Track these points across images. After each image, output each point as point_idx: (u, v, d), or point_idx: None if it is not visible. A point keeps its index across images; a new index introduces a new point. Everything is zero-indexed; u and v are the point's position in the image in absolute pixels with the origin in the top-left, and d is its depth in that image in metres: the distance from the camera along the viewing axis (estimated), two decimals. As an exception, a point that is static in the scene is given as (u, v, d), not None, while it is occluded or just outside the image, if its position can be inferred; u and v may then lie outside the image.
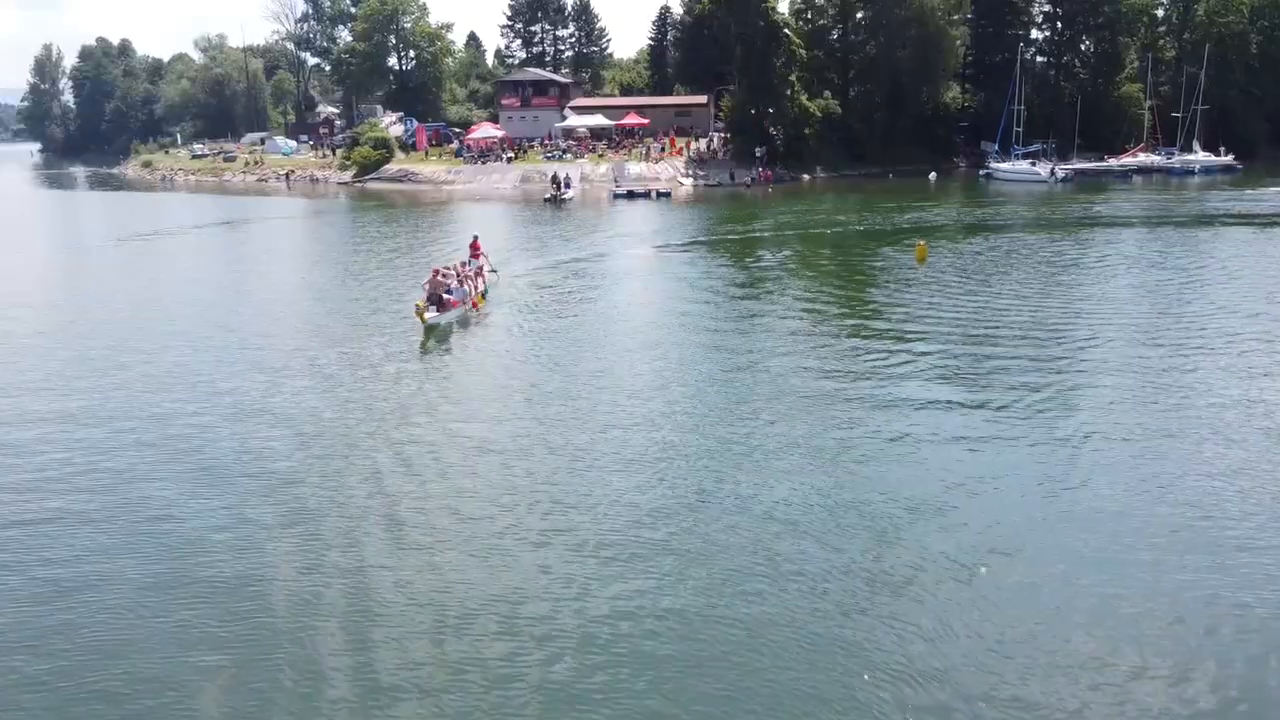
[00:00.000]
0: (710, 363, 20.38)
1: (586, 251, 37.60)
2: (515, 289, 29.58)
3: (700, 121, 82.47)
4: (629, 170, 68.98)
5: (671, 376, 19.25)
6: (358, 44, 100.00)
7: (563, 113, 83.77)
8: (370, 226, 50.58)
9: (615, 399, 17.65)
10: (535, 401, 17.63)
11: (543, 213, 53.28)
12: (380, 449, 15.30)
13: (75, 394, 18.50)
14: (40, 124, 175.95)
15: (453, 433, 16.05)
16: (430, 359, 21.43)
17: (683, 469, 14.15)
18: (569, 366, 20.00)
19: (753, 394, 17.93)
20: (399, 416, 16.89)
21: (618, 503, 12.98)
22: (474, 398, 18.37)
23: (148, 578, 11.21)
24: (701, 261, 34.82)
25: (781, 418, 16.40)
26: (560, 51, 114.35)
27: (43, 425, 16.69)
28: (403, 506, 13.09)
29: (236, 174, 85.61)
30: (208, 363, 20.84)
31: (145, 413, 17.27)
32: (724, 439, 15.43)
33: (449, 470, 14.43)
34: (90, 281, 33.63)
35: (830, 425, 15.98)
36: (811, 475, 13.84)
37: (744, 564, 11.16)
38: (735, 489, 13.35)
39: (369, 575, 11.16)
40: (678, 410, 16.95)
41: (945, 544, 11.51)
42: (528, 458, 14.79)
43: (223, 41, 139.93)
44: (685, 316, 25.27)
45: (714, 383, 18.88)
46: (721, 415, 16.66)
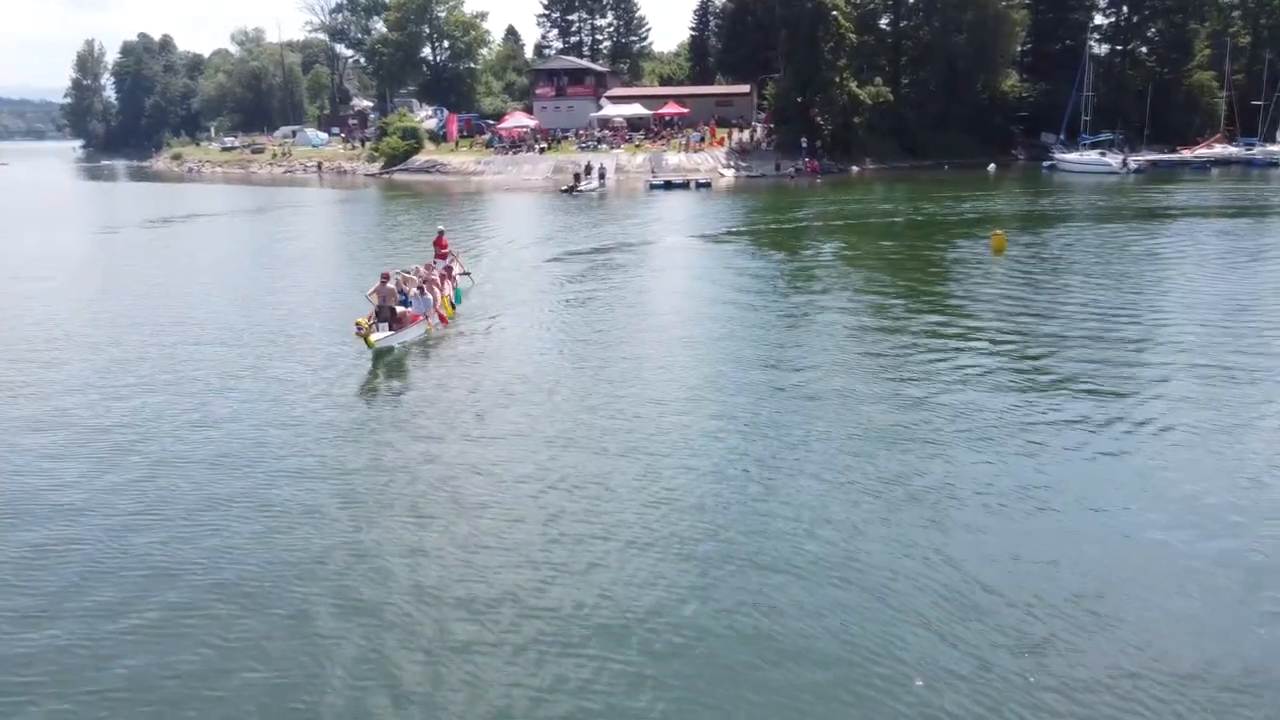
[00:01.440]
0: (759, 363, 16.75)
1: (611, 240, 34.17)
2: (520, 282, 26.12)
3: (742, 111, 78.66)
4: (667, 160, 65.51)
5: (708, 383, 15.70)
6: (391, 34, 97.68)
7: (599, 102, 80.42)
8: (380, 216, 47.69)
9: (641, 416, 14.10)
10: (530, 432, 14.09)
11: (571, 203, 50.08)
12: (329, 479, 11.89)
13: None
14: (82, 120, 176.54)
15: (415, 467, 12.59)
16: (388, 385, 16.37)
17: (738, 489, 11.18)
18: (568, 387, 16.04)
19: (812, 397, 14.32)
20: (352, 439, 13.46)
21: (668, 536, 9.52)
22: (443, 432, 14.73)
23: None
24: (745, 251, 31.22)
25: (853, 430, 12.86)
26: (598, 42, 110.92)
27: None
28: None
29: (263, 166, 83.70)
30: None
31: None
32: (783, 460, 11.88)
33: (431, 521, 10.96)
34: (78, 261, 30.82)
35: (904, 435, 12.44)
36: (885, 498, 10.75)
37: (809, 586, 8.92)
38: (796, 507, 10.59)
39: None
40: (721, 422, 13.41)
41: (1034, 574, 9.03)
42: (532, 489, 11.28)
43: (260, 36, 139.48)
44: (724, 312, 21.65)
45: (766, 388, 15.24)
46: (777, 428, 13.08)
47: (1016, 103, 79.22)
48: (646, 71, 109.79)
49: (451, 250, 24.92)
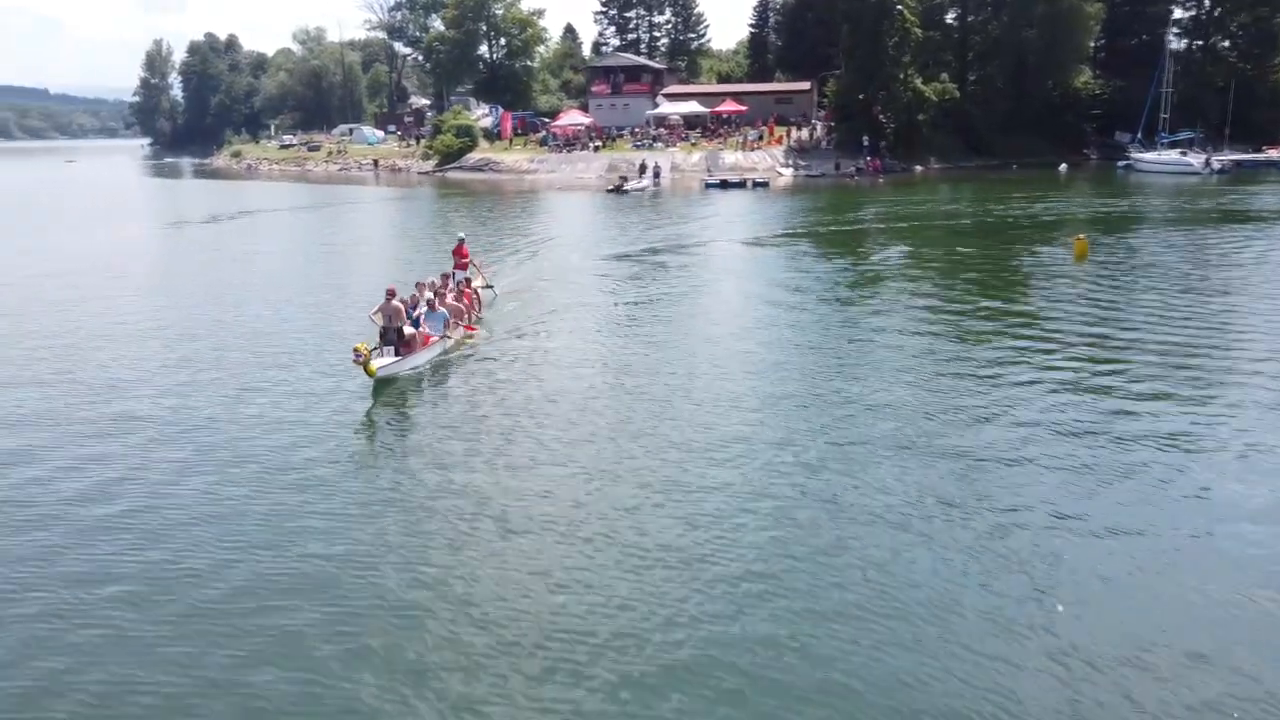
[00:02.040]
0: (821, 386, 15.29)
1: (662, 242, 32.89)
2: (560, 288, 24.87)
3: (802, 109, 76.72)
4: (723, 159, 63.98)
5: (766, 404, 14.32)
6: (448, 32, 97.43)
7: (655, 100, 79.11)
8: (430, 215, 46.92)
9: (687, 445, 12.77)
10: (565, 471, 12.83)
11: (623, 202, 48.87)
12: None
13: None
14: (150, 118, 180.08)
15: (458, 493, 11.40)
16: (404, 404, 14.98)
17: (799, 529, 9.98)
18: (606, 409, 14.52)
19: (879, 424, 12.87)
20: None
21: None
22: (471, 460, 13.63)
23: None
24: (803, 255, 29.68)
25: (927, 455, 11.42)
26: (655, 39, 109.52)
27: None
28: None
29: (319, 163, 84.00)
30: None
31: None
32: (848, 487, 10.46)
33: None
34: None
35: (985, 467, 10.95)
36: (967, 533, 9.47)
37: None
38: (865, 557, 9.37)
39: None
40: (779, 453, 12.04)
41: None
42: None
43: (321, 35, 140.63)
44: (781, 323, 20.21)
45: (828, 415, 13.81)
46: (842, 464, 11.66)
47: (1089, 100, 75.79)
48: (704, 69, 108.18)
49: (473, 260, 22.79)
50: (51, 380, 16.25)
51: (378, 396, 15.03)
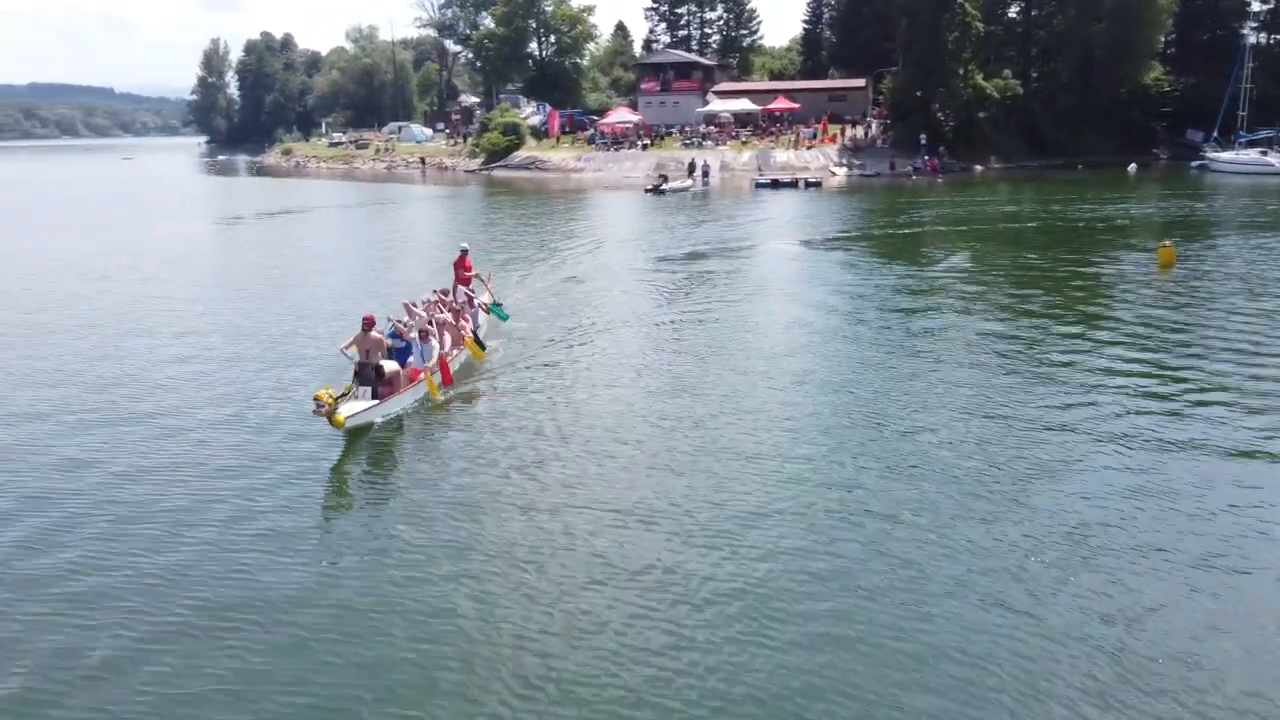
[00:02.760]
0: (880, 411, 13.69)
1: (708, 244, 31.41)
2: (594, 295, 23.48)
3: (857, 106, 74.49)
4: (775, 158, 62.18)
5: (818, 430, 12.79)
6: (498, 29, 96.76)
7: (705, 97, 77.43)
8: (471, 215, 45.91)
9: (731, 481, 11.30)
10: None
11: (669, 202, 47.36)
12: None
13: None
14: (207, 116, 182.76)
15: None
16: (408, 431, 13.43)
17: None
18: (637, 438, 13.14)
19: (950, 459, 11.26)
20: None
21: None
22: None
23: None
24: (858, 260, 27.93)
25: (1000, 491, 9.76)
26: (707, 36, 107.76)
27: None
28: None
29: (366, 161, 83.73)
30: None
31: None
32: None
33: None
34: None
35: (1068, 502, 9.30)
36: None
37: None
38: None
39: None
40: (836, 494, 10.51)
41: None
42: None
43: (374, 33, 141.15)
44: (834, 334, 18.58)
45: (891, 448, 12.23)
46: (907, 505, 10.11)
47: (1159, 97, 72.45)
48: (756, 66, 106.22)
49: (478, 274, 20.24)
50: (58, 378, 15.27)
51: (350, 448, 12.62)
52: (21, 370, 16.81)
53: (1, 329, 20.26)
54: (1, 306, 22.67)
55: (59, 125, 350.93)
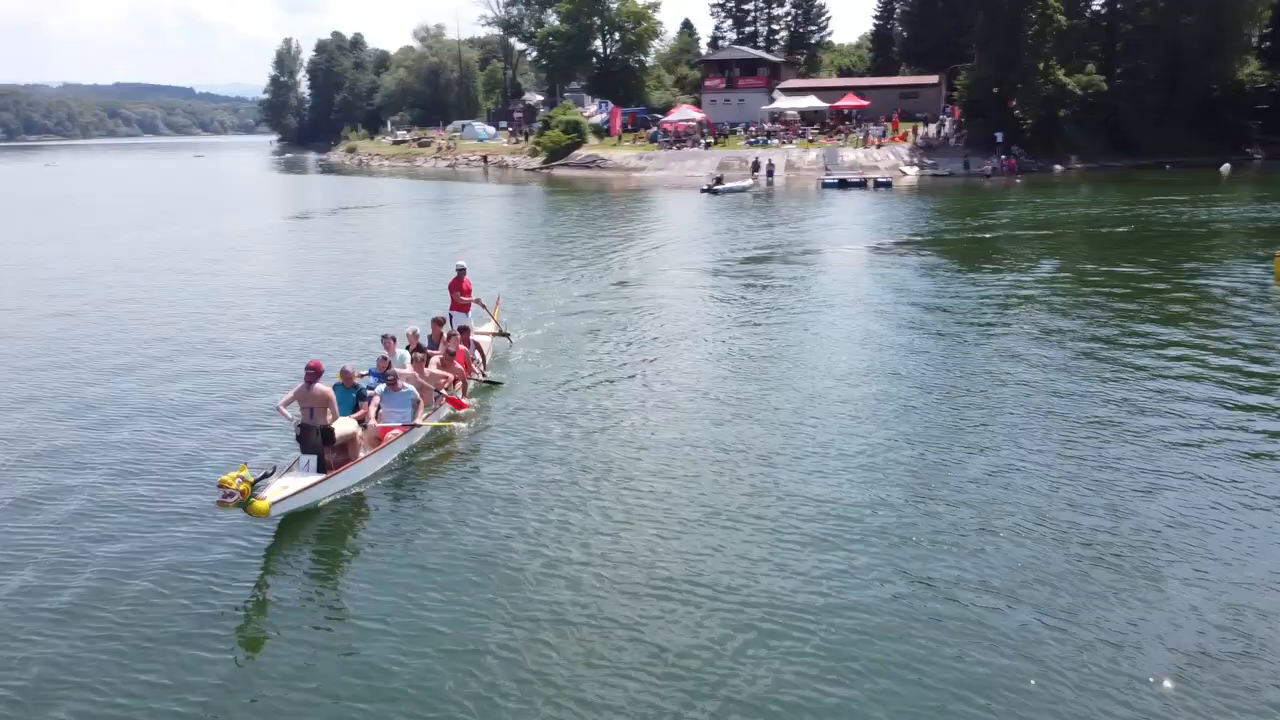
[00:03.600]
0: (962, 435, 12.06)
1: (769, 247, 29.82)
2: (639, 303, 22.06)
3: (929, 104, 71.93)
4: (842, 157, 60.08)
5: (884, 461, 11.21)
6: (562, 26, 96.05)
7: (771, 94, 75.52)
8: (526, 215, 44.85)
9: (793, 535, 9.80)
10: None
11: (732, 201, 45.78)
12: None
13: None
14: (279, 115, 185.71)
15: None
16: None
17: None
18: (680, 484, 11.63)
19: (1032, 496, 9.61)
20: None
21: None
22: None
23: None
24: (931, 267, 26.07)
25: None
26: (774, 32, 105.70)
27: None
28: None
29: (428, 159, 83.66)
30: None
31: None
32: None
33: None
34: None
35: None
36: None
37: None
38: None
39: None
40: (909, 553, 8.94)
41: None
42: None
43: (441, 32, 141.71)
44: (908, 349, 16.86)
45: (970, 488, 10.62)
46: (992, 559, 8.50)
47: (1254, 94, 68.45)
48: (824, 63, 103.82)
49: (480, 300, 16.90)
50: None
51: (281, 537, 9.78)
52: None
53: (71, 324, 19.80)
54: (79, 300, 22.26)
55: (141, 124, 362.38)
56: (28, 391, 15.25)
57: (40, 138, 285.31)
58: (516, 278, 25.41)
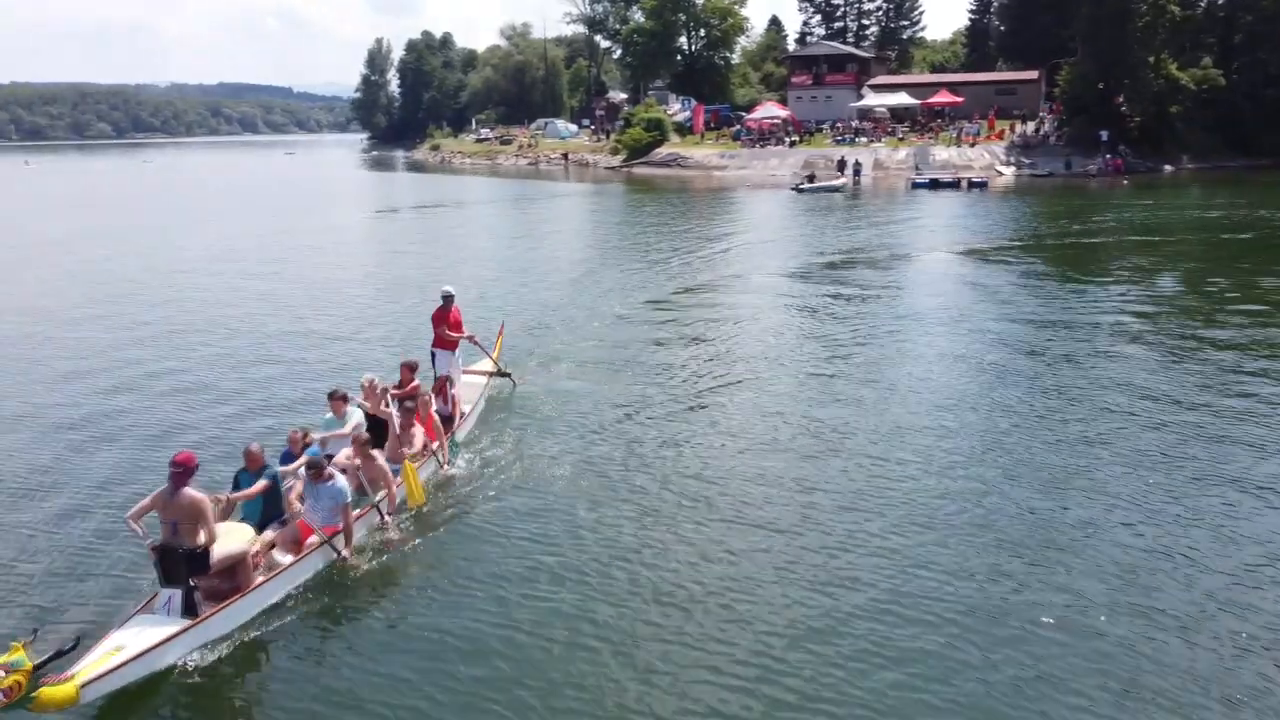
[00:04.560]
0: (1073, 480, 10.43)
1: (852, 252, 28.10)
2: (704, 312, 20.66)
3: (1027, 100, 68.64)
4: (934, 155, 57.52)
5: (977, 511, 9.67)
6: (647, 23, 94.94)
7: (860, 91, 73.11)
8: (599, 216, 43.76)
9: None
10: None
11: (815, 203, 43.90)
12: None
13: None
14: (370, 113, 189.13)
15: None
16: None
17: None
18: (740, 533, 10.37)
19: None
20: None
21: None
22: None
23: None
24: (1030, 276, 24.07)
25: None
26: (864, 28, 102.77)
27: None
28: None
29: (509, 157, 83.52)
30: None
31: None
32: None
33: None
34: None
35: None
36: None
37: None
38: None
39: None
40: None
41: None
42: None
43: (527, 31, 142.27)
44: (1009, 374, 15.15)
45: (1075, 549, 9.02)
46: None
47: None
48: (916, 59, 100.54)
49: (474, 336, 13.91)
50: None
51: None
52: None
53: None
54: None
55: (242, 123, 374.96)
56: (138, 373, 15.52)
57: (147, 135, 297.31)
58: (584, 281, 24.30)
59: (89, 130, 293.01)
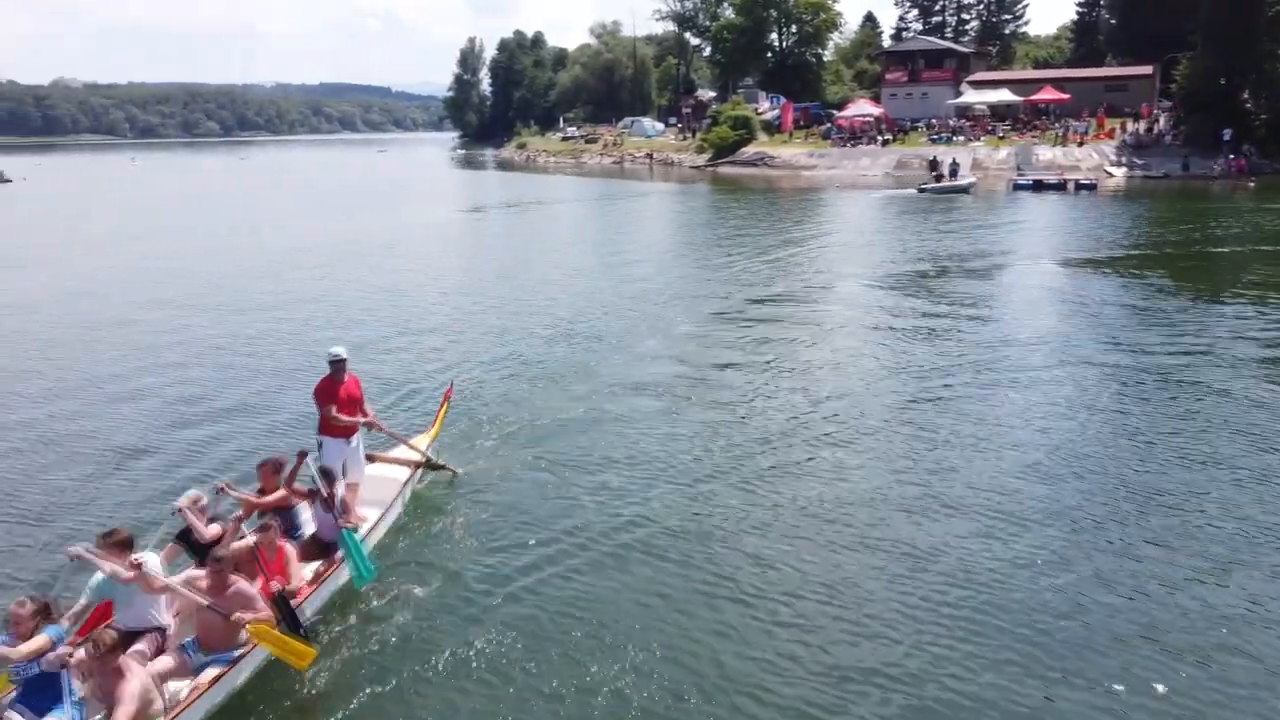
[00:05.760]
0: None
1: (942, 259, 25.95)
2: (801, 319, 18.93)
3: (1140, 97, 64.46)
4: (1037, 155, 54.27)
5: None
6: (738, 18, 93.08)
7: (958, 88, 69.93)
8: (666, 218, 42.21)
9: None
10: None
11: (911, 205, 41.60)
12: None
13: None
14: (462, 112, 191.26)
15: None
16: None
17: None
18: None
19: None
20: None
21: None
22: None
23: None
24: (1147, 291, 21.71)
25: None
26: (963, 22, 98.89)
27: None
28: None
29: (593, 156, 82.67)
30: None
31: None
32: None
33: None
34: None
35: None
36: None
37: None
38: None
39: None
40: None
41: None
42: None
43: (617, 28, 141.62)
44: (1117, 410, 13.20)
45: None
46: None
47: None
48: (1019, 55, 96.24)
49: (376, 420, 10.15)
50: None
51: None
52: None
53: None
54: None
55: (341, 121, 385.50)
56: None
57: (251, 134, 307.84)
58: (650, 289, 22.89)
59: (197, 129, 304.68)
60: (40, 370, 16.29)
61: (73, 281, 25.70)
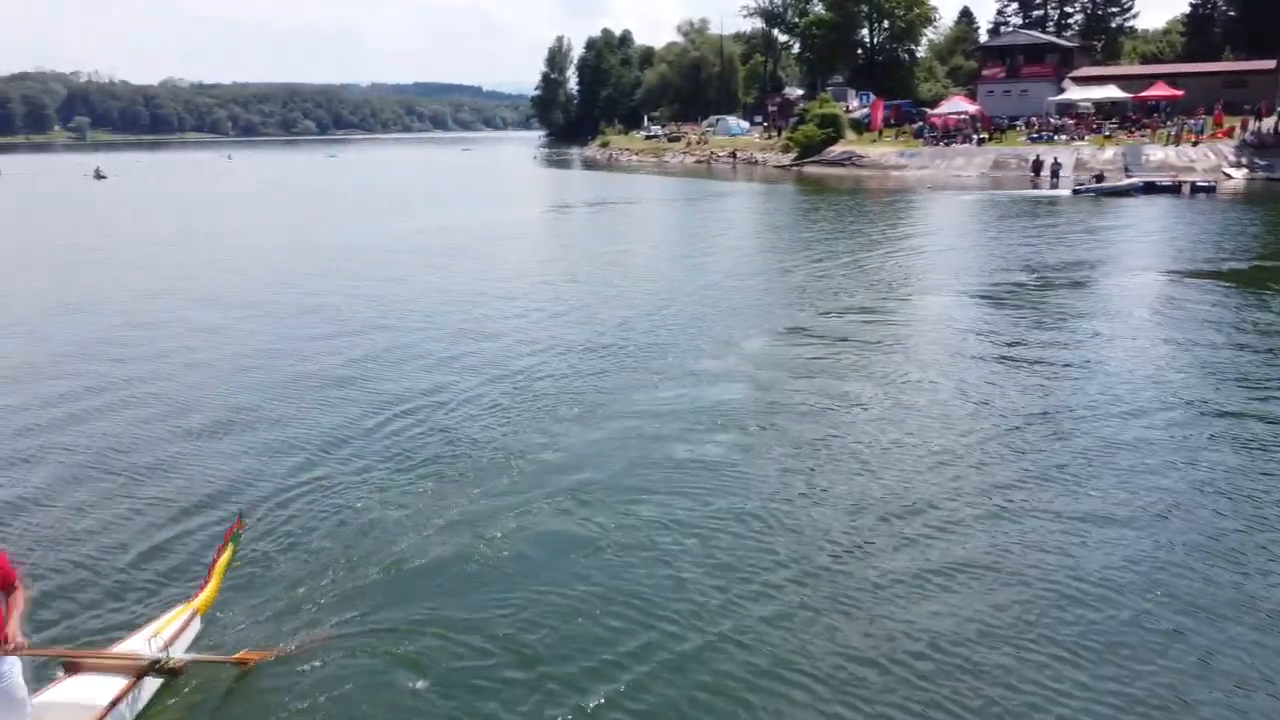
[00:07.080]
0: None
1: (1034, 269, 23.88)
2: (880, 338, 17.27)
3: (1261, 93, 60.18)
4: (1147, 155, 50.92)
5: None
6: (827, 14, 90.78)
7: (1060, 84, 66.53)
8: (755, 219, 40.56)
9: None
10: None
11: (1011, 208, 39.18)
12: None
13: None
14: (548, 110, 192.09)
15: None
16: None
17: None
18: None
19: None
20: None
21: None
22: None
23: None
24: (1268, 311, 19.42)
25: None
26: (1066, 16, 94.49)
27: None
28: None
29: (676, 155, 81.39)
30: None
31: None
32: None
33: None
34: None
35: None
36: None
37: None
38: None
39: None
40: None
41: None
42: None
43: (705, 26, 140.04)
44: (1226, 452, 11.32)
45: None
46: None
47: None
48: (1126, 50, 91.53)
49: (19, 584, 5.54)
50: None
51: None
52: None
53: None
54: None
55: (433, 120, 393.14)
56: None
57: (346, 132, 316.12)
58: (717, 300, 21.48)
59: (295, 127, 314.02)
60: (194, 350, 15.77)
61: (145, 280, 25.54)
